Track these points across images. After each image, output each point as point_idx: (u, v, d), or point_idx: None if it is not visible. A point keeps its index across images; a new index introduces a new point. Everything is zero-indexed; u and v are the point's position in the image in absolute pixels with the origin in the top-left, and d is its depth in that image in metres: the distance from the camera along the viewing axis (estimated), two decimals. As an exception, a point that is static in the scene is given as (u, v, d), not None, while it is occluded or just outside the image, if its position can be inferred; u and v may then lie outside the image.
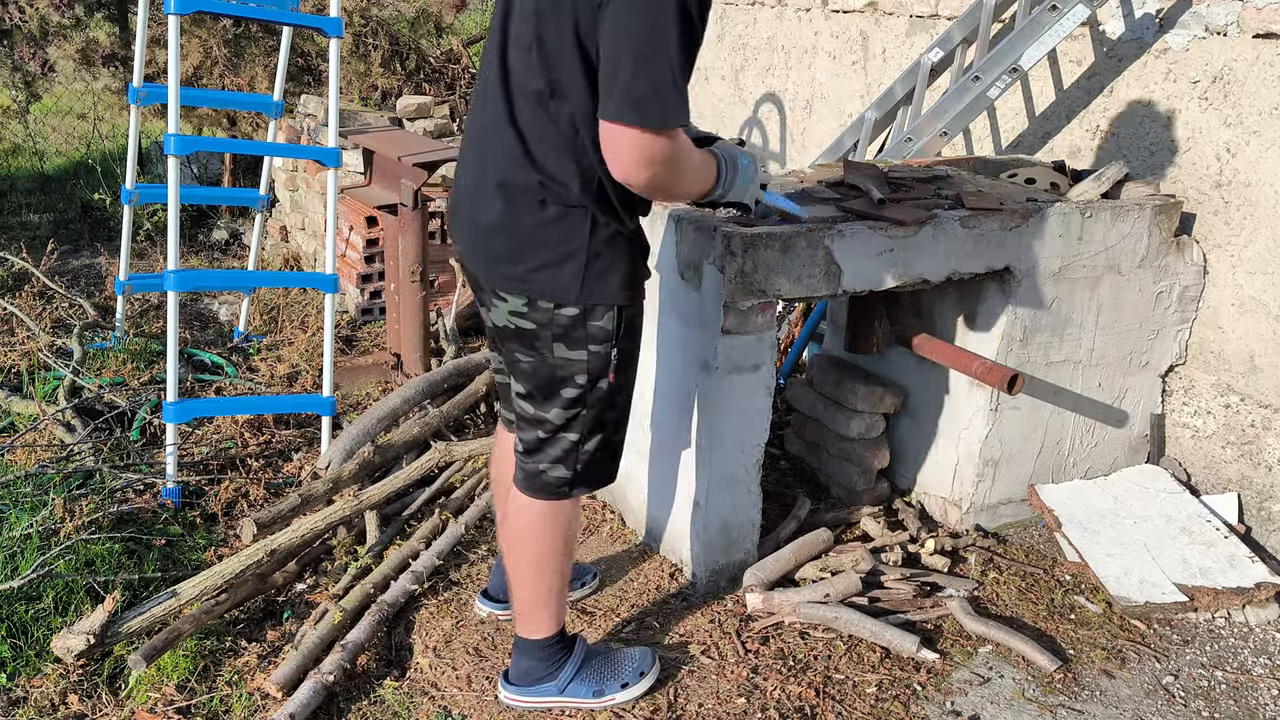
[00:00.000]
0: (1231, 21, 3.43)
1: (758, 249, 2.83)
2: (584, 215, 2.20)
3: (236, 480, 3.62)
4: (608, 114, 2.03)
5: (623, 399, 2.42)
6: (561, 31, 2.07)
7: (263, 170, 4.96)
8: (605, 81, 2.03)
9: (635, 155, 2.04)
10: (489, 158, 2.25)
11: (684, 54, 2.03)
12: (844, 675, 2.82)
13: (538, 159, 2.18)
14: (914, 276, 3.09)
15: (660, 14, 1.98)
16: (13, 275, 5.41)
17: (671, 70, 2.00)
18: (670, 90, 2.01)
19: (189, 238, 6.62)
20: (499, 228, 2.23)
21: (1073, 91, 4.05)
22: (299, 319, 5.20)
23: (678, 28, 2.00)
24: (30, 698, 2.61)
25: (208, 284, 5.35)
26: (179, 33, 3.44)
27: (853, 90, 5.12)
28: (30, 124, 7.75)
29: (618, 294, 2.27)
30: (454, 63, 6.96)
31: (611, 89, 2.01)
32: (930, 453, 3.60)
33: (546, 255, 2.21)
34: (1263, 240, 3.44)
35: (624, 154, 2.05)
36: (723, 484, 3.04)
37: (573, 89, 2.11)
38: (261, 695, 2.65)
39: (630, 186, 2.12)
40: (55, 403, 4.00)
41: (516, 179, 2.20)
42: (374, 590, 2.98)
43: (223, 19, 6.41)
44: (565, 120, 2.14)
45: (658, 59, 1.99)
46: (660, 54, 1.99)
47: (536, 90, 2.14)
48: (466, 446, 3.54)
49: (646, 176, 2.09)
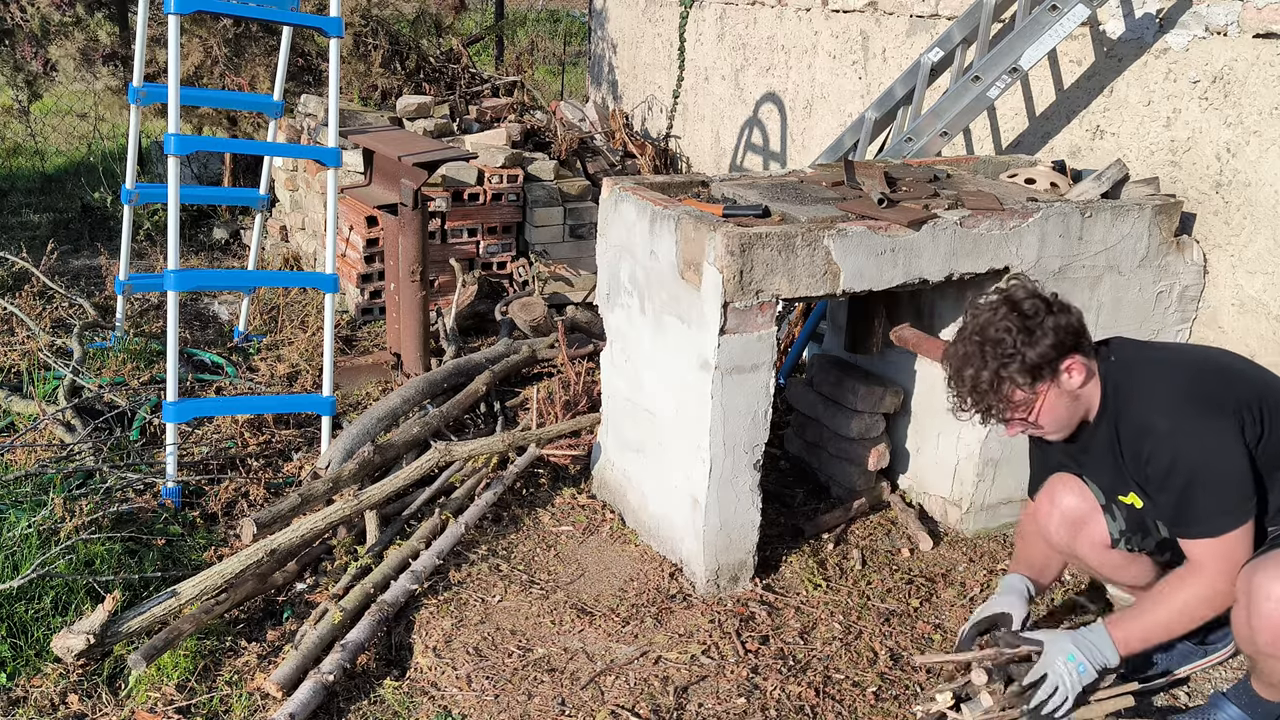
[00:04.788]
0: (1231, 21, 3.43)
1: (757, 249, 2.83)
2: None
3: (236, 480, 3.62)
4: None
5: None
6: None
7: (263, 170, 4.96)
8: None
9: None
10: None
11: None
12: (844, 675, 2.82)
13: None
14: (914, 276, 3.09)
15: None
16: (13, 275, 5.41)
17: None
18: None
19: (189, 238, 6.62)
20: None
21: (1073, 91, 4.05)
22: (299, 319, 5.20)
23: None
24: (30, 698, 2.61)
25: (208, 284, 5.36)
26: (179, 32, 3.44)
27: (853, 90, 5.12)
28: (31, 123, 7.75)
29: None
30: (454, 63, 6.95)
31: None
32: (930, 453, 3.60)
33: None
34: (1263, 240, 3.44)
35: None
36: (723, 484, 3.04)
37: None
38: (261, 695, 2.65)
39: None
40: (55, 403, 4.00)
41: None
42: (374, 590, 2.98)
43: (223, 19, 6.41)
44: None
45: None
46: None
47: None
48: (466, 446, 3.54)
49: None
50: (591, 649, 2.89)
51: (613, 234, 3.35)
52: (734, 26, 5.92)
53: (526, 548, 3.37)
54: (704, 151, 6.41)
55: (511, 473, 3.58)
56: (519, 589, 3.14)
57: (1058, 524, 2.68)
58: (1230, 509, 2.31)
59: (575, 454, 3.78)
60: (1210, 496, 2.31)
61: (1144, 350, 2.56)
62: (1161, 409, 2.38)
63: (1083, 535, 2.66)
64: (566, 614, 3.02)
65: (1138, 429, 2.40)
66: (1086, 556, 2.71)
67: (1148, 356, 2.51)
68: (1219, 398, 2.36)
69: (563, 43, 12.27)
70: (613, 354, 3.47)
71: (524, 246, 5.66)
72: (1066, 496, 2.67)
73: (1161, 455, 2.34)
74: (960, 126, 3.98)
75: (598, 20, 7.76)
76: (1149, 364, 2.48)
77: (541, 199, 5.57)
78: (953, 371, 2.46)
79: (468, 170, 5.35)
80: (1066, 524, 2.67)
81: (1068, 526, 2.67)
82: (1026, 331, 2.35)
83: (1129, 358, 2.50)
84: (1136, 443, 2.41)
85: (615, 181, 3.36)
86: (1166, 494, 2.37)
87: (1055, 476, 2.72)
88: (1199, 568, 2.36)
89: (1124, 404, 2.44)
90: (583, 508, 3.62)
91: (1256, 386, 2.42)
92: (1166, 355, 2.56)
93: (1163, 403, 2.39)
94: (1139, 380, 2.44)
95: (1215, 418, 2.33)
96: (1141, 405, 2.41)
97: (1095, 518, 2.63)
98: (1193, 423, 2.34)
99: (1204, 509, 2.32)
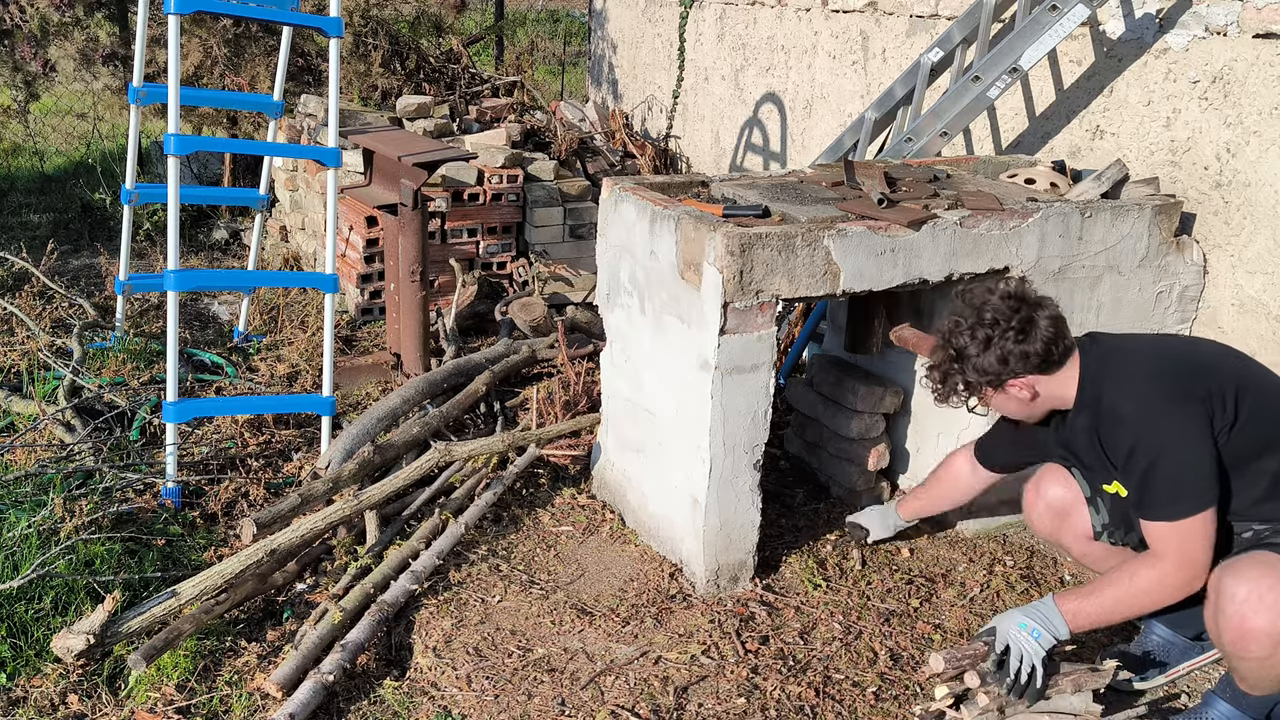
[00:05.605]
0: (1231, 21, 3.43)
1: (757, 249, 2.83)
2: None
3: (236, 480, 3.62)
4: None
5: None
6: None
7: (263, 170, 4.96)
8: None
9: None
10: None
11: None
12: (844, 675, 2.82)
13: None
14: (914, 276, 3.09)
15: None
16: (13, 275, 5.41)
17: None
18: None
19: (189, 238, 6.62)
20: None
21: (1073, 91, 4.05)
22: (299, 319, 5.20)
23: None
24: (30, 698, 2.61)
25: (208, 284, 5.35)
26: (179, 32, 3.44)
27: (853, 90, 5.12)
28: (30, 124, 7.75)
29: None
30: (454, 63, 6.95)
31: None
32: (930, 453, 3.60)
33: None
34: (1263, 240, 3.44)
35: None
36: (723, 484, 3.04)
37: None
38: (261, 695, 2.65)
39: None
40: (55, 403, 4.00)
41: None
42: (374, 590, 2.98)
43: (223, 19, 6.40)
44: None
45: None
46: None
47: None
48: (466, 446, 3.54)
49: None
50: (591, 649, 2.89)
51: (613, 234, 3.35)
52: (734, 27, 5.92)
53: (526, 548, 3.37)
54: (704, 151, 6.41)
55: (511, 473, 3.58)
56: (519, 589, 3.14)
57: (1042, 512, 2.81)
58: (1188, 494, 2.33)
59: (575, 454, 3.78)
60: (1169, 481, 2.34)
61: (1123, 340, 2.62)
62: (1130, 394, 2.43)
63: (1066, 526, 2.78)
64: (566, 614, 3.02)
65: (1111, 415, 2.46)
66: (1070, 546, 2.82)
67: (1124, 346, 2.57)
68: (1188, 384, 2.40)
69: (563, 43, 12.27)
70: (613, 354, 3.47)
71: (524, 246, 5.66)
72: (1053, 487, 2.78)
73: (1126, 438, 2.40)
74: (960, 126, 3.98)
75: (598, 20, 7.76)
76: (1124, 353, 2.53)
77: (541, 199, 5.57)
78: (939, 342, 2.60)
79: (468, 170, 5.35)
80: (1051, 514, 2.79)
81: (1052, 516, 2.79)
82: (984, 343, 2.46)
83: (1108, 348, 2.55)
84: (1110, 429, 2.46)
85: (615, 181, 3.36)
86: (1129, 476, 2.43)
87: (1045, 467, 2.83)
88: (1155, 552, 2.41)
89: (1100, 391, 2.49)
90: (583, 508, 3.62)
91: (1235, 376, 2.44)
92: (1143, 344, 2.62)
93: (1132, 388, 2.44)
94: (1114, 368, 2.49)
95: (1181, 403, 2.37)
96: (1114, 391, 2.46)
97: (1079, 509, 2.74)
98: (1157, 407, 2.39)
99: (1163, 493, 2.35)
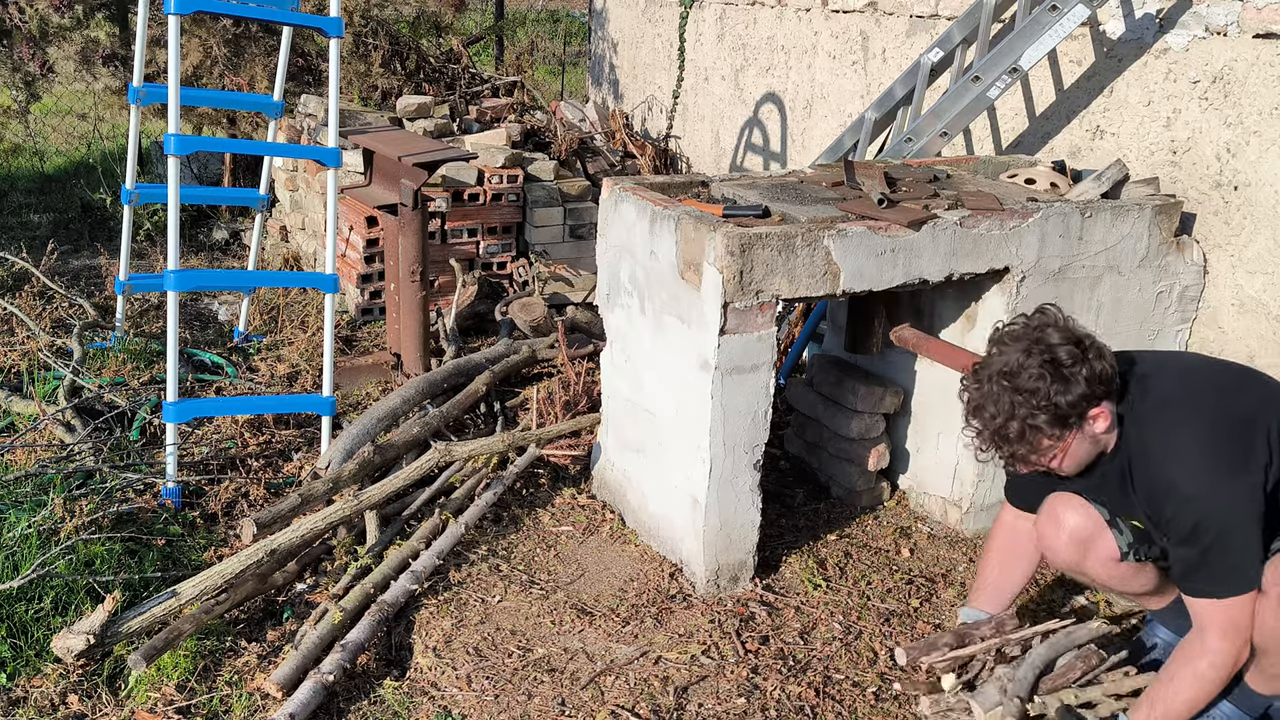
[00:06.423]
0: (1231, 21, 3.43)
1: (757, 249, 2.83)
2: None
3: (236, 480, 3.62)
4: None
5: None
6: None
7: (263, 170, 4.96)
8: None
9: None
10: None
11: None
12: (844, 675, 2.82)
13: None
14: (914, 276, 3.09)
15: None
16: (13, 275, 5.41)
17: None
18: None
19: (189, 238, 6.62)
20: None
21: (1073, 91, 4.05)
22: (299, 319, 5.20)
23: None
24: (30, 698, 2.61)
25: (208, 284, 5.35)
26: (179, 33, 3.44)
27: (853, 90, 5.12)
28: (30, 124, 7.75)
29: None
30: (454, 63, 6.95)
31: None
32: (930, 453, 3.60)
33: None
34: (1263, 240, 3.44)
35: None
36: (723, 484, 3.04)
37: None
38: (261, 695, 2.65)
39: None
40: (55, 403, 4.00)
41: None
42: (374, 590, 2.98)
43: (223, 19, 6.40)
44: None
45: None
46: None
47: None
48: (466, 446, 3.54)
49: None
50: (591, 649, 2.89)
51: (613, 234, 3.35)
52: (734, 27, 5.92)
53: (526, 548, 3.37)
54: (704, 152, 6.41)
55: (511, 473, 3.58)
56: (519, 589, 3.14)
57: (1065, 544, 2.60)
58: (1241, 575, 2.30)
59: (575, 454, 3.78)
60: (1223, 561, 2.29)
61: (1161, 384, 2.46)
62: (1187, 467, 2.32)
63: (1092, 554, 2.59)
64: (566, 614, 3.02)
65: (1158, 482, 2.36)
66: (1097, 574, 2.65)
67: (1165, 395, 2.43)
68: (1243, 451, 2.31)
69: (563, 43, 12.27)
70: (613, 354, 3.47)
71: (524, 247, 5.66)
72: (1071, 516, 2.59)
73: (1186, 517, 2.30)
74: (960, 127, 3.98)
75: (598, 20, 7.76)
76: (1166, 406, 2.41)
77: (541, 199, 5.57)
78: (973, 406, 2.37)
79: (468, 170, 5.35)
80: (1075, 544, 2.59)
81: (1076, 546, 2.60)
82: (1061, 380, 2.27)
83: (1148, 396, 2.42)
84: (1156, 496, 2.37)
85: (615, 182, 3.36)
86: (1187, 549, 2.33)
87: (1053, 497, 2.64)
88: (1201, 631, 2.35)
89: (1142, 449, 2.39)
90: (583, 508, 3.62)
91: (1274, 412, 2.37)
92: (1183, 393, 2.45)
93: (1187, 460, 2.33)
94: (1158, 426, 2.38)
95: (1241, 476, 2.29)
96: (1161, 455, 2.35)
97: (1103, 534, 2.57)
98: (1220, 485, 2.29)
99: (1216, 571, 2.31)
